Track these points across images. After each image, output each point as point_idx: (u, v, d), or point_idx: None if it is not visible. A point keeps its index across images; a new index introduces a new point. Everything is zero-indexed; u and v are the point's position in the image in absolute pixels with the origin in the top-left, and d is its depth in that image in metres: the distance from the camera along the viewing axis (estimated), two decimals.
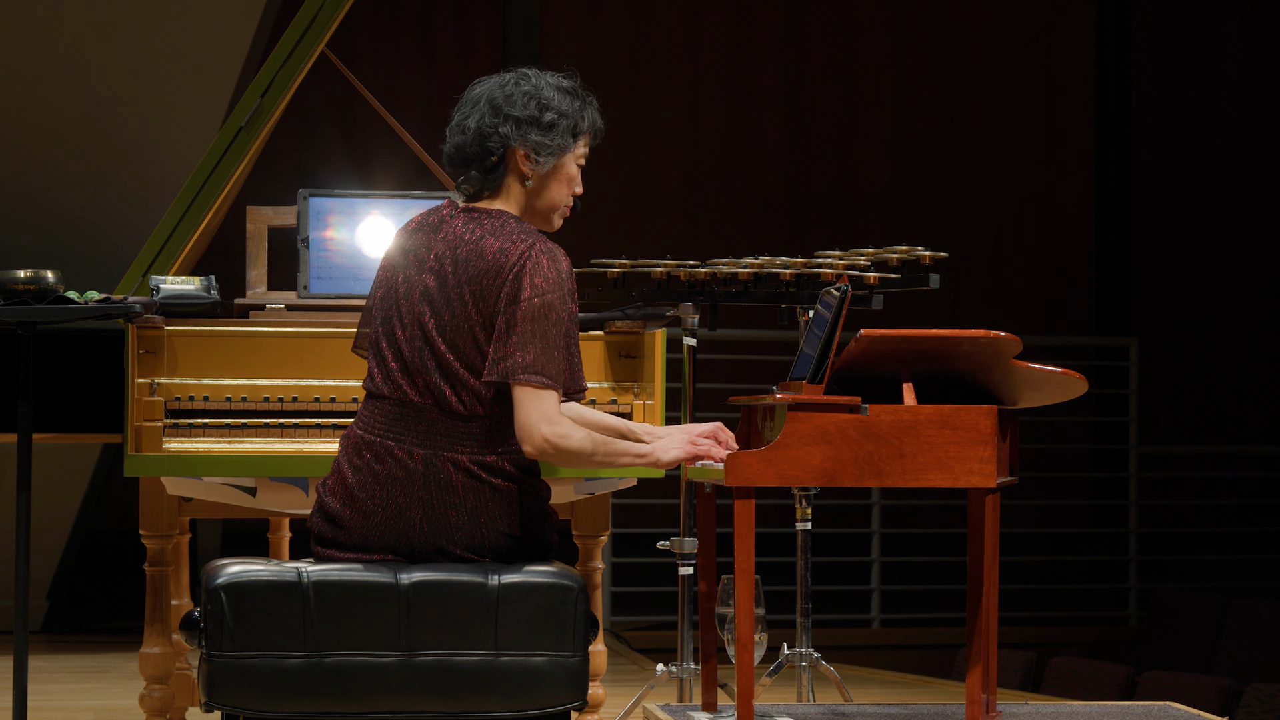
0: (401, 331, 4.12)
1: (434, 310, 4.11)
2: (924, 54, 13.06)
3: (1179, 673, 8.84)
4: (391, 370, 4.12)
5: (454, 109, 4.24)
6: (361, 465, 4.10)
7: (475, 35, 12.26)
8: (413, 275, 4.15)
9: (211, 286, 4.78)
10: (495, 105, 4.19)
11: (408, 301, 4.14)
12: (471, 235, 4.14)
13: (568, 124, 4.22)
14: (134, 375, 4.61)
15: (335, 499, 4.12)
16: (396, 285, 4.16)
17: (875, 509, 10.84)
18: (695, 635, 4.83)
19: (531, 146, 4.18)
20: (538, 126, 4.19)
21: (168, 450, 4.57)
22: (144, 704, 4.83)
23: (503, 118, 4.17)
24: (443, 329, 4.10)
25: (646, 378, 4.78)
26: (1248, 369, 13.28)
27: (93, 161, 8.41)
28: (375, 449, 4.10)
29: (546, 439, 4.06)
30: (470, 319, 4.09)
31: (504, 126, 4.17)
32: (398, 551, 4.09)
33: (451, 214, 4.20)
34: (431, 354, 4.10)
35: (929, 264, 4.90)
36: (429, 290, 4.12)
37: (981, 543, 4.23)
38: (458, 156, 4.21)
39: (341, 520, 4.12)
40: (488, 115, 4.18)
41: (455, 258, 4.13)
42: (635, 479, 4.80)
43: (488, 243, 4.12)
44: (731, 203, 12.64)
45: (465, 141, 4.19)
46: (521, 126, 4.18)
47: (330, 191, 5.08)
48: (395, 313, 4.14)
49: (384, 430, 4.11)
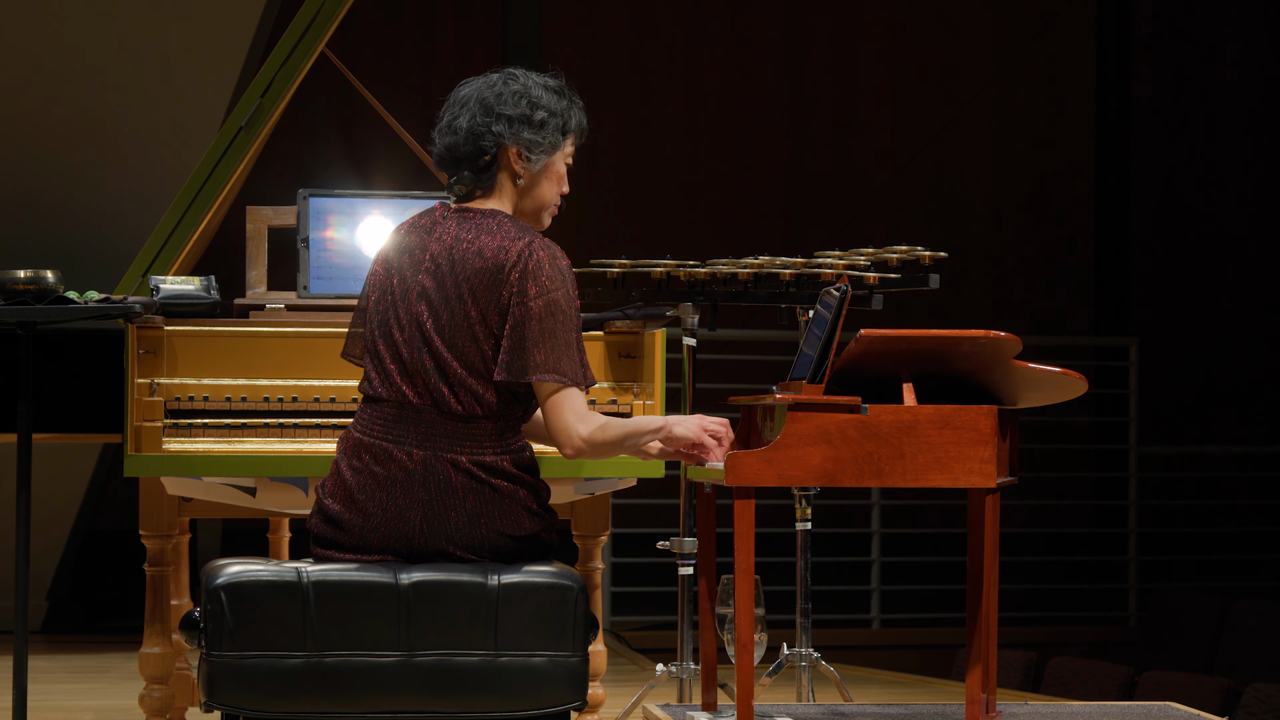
0: (399, 333, 4.13)
1: (432, 310, 4.11)
2: (924, 54, 13.06)
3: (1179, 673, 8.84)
4: (390, 373, 4.12)
5: (440, 110, 4.26)
6: (361, 467, 4.11)
7: (475, 35, 12.26)
8: (409, 276, 4.15)
9: (211, 286, 4.78)
10: (486, 105, 4.20)
11: (405, 303, 4.14)
12: (468, 234, 4.15)
13: (557, 122, 4.24)
14: (134, 375, 4.61)
15: (335, 501, 4.13)
16: (392, 288, 4.17)
17: (875, 509, 10.84)
18: (695, 635, 4.83)
19: (524, 144, 4.20)
20: (529, 125, 4.20)
21: (168, 450, 4.57)
22: (144, 704, 4.83)
23: (495, 116, 4.19)
24: (441, 329, 4.10)
25: (646, 378, 4.78)
26: (1247, 369, 13.28)
27: (93, 161, 8.41)
28: (375, 451, 4.10)
29: (585, 439, 4.08)
30: (470, 318, 4.09)
31: (496, 125, 4.18)
32: (397, 553, 4.10)
33: (445, 215, 4.21)
34: (430, 354, 4.10)
35: (929, 264, 4.90)
36: (426, 290, 4.13)
37: (981, 543, 4.23)
38: (449, 157, 4.22)
39: (341, 522, 4.12)
40: (479, 114, 4.19)
41: (452, 257, 4.13)
42: (635, 479, 4.80)
43: (485, 241, 4.12)
44: (731, 203, 12.64)
45: (457, 142, 4.20)
46: (514, 125, 4.20)
47: (330, 191, 5.08)
48: (393, 314, 4.14)
49: (382, 432, 4.11)
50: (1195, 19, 13.42)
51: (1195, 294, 13.33)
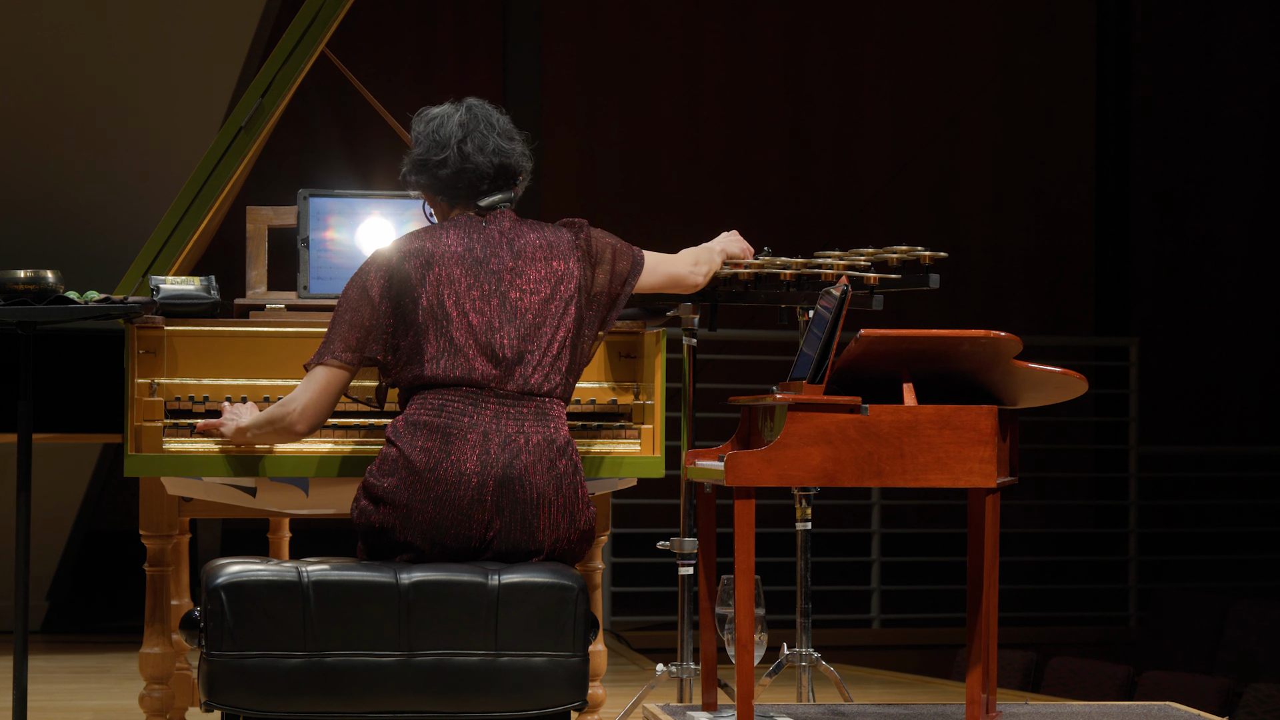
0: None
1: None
2: (924, 54, 13.06)
3: (1179, 673, 8.84)
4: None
5: (462, 139, 4.38)
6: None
7: (475, 35, 12.26)
8: (484, 280, 4.30)
9: (211, 286, 4.78)
10: (507, 132, 4.45)
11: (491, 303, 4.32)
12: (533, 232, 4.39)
13: None
14: (134, 375, 4.61)
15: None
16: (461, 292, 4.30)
17: (875, 509, 10.84)
18: (695, 635, 4.83)
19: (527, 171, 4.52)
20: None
21: (168, 450, 4.56)
22: (144, 704, 4.83)
23: (513, 140, 4.46)
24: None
25: (646, 378, 4.78)
26: (1248, 369, 13.28)
27: (93, 161, 8.41)
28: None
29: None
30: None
31: (519, 147, 4.47)
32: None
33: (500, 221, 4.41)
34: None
35: (929, 264, 4.90)
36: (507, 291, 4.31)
37: (981, 543, 4.23)
38: (500, 176, 4.44)
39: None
40: (510, 142, 4.44)
41: (518, 253, 4.35)
42: (635, 479, 4.80)
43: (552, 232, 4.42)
44: (731, 203, 12.64)
45: (511, 164, 4.44)
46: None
47: (330, 191, 5.08)
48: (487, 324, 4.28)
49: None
50: (1195, 19, 13.42)
51: (1195, 294, 13.33)
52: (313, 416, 4.34)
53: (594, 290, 4.41)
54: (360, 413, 4.60)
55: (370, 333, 4.31)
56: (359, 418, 4.60)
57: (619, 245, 4.48)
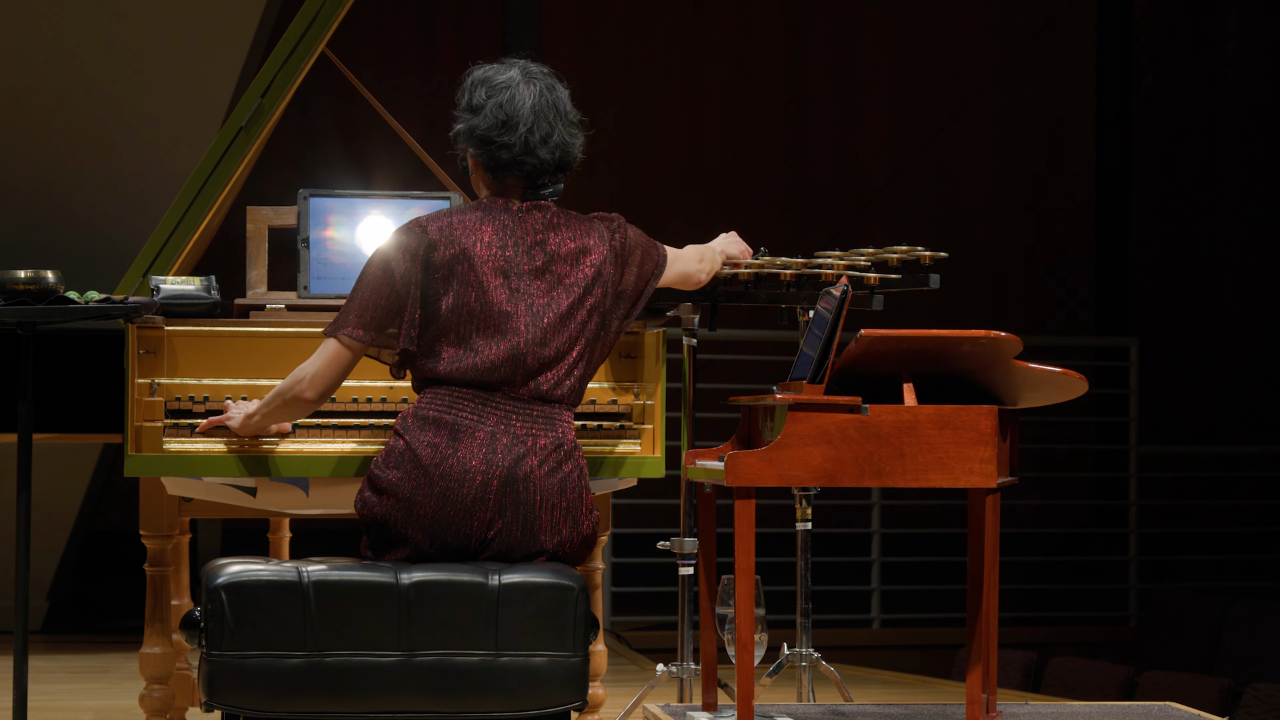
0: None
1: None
2: (924, 54, 13.06)
3: (1179, 673, 8.84)
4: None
5: (531, 127, 4.37)
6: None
7: (475, 35, 12.26)
8: (520, 277, 4.28)
9: (211, 286, 4.78)
10: (572, 121, 4.45)
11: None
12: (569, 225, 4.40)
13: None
14: (134, 375, 4.61)
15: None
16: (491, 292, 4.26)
17: (875, 509, 10.84)
18: (695, 635, 4.83)
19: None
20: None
21: (168, 450, 4.56)
22: (144, 704, 4.83)
23: (575, 131, 4.46)
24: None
25: (646, 378, 4.78)
26: (1248, 369, 13.28)
27: (93, 161, 8.41)
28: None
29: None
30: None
31: (580, 139, 4.47)
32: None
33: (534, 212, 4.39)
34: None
35: (929, 264, 4.90)
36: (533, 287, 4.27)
37: (981, 543, 4.23)
38: (558, 170, 4.43)
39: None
40: (573, 134, 4.44)
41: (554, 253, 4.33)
42: (635, 479, 4.80)
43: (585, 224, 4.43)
44: (732, 203, 12.64)
45: (570, 158, 4.43)
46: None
47: (330, 191, 5.08)
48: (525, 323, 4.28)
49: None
50: (1195, 19, 13.42)
51: (1195, 293, 13.33)
52: (323, 384, 4.32)
53: (620, 289, 4.41)
54: (362, 412, 4.60)
55: (387, 314, 4.29)
56: (361, 417, 4.60)
57: (648, 244, 4.49)
